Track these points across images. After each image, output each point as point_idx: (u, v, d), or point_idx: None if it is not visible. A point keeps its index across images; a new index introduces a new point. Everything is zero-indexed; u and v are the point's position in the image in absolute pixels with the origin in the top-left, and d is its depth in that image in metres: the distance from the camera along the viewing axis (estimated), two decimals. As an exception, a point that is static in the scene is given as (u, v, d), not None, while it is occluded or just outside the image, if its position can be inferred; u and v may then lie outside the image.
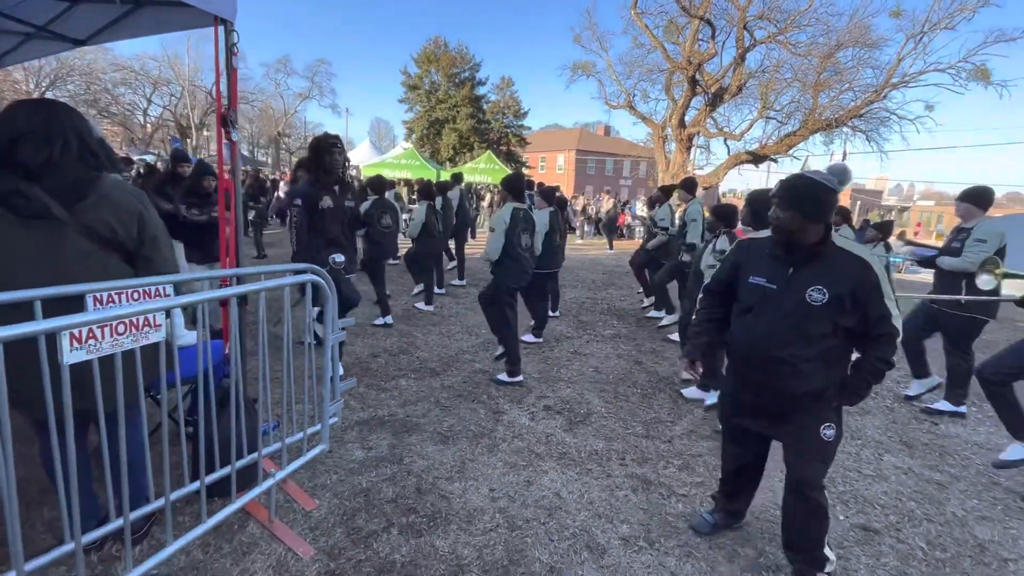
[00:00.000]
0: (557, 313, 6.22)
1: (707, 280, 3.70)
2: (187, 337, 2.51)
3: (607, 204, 16.76)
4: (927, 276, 8.00)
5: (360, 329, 5.17)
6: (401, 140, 30.44)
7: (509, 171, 18.05)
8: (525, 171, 30.08)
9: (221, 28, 2.11)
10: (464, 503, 2.47)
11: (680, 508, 2.56)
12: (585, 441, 3.16)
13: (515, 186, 4.08)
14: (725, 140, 18.44)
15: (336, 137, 3.61)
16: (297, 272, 2.38)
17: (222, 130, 2.16)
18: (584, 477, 2.77)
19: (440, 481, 2.63)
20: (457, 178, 8.04)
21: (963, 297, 3.65)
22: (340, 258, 3.46)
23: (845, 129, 16.44)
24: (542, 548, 2.20)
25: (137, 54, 33.19)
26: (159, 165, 11.05)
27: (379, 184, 5.59)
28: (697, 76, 16.96)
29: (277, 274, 2.43)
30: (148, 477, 1.76)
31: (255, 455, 2.18)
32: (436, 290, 6.91)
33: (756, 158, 17.44)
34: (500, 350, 4.34)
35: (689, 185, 5.39)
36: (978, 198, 3.73)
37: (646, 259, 6.48)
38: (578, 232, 17.96)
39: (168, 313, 1.74)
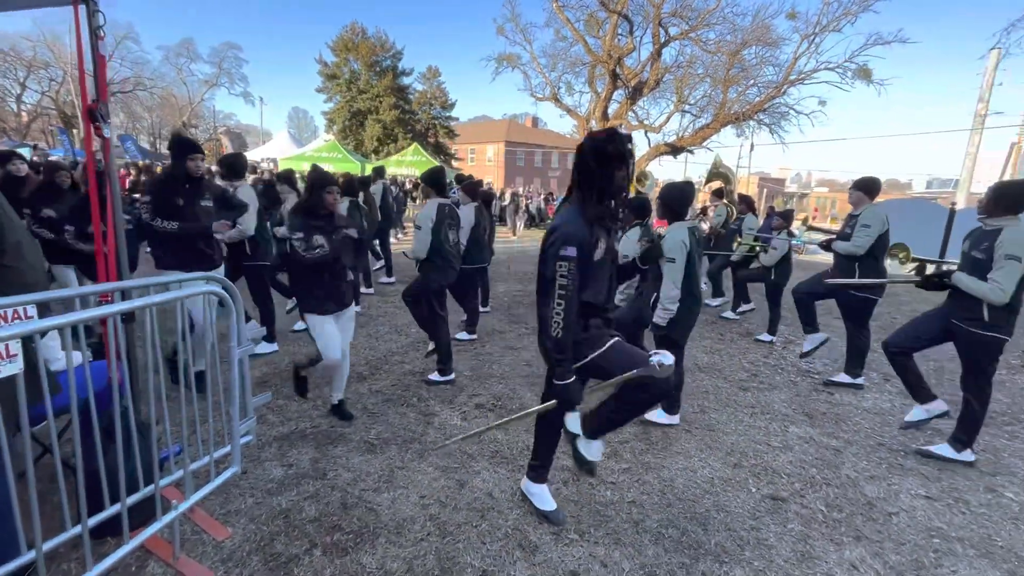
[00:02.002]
0: (488, 308, 6.20)
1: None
2: (61, 362, 2.22)
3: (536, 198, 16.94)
4: (827, 257, 8.71)
5: (279, 336, 4.86)
6: (322, 131, 29.03)
7: (437, 163, 17.78)
8: (454, 163, 29.77)
9: (82, 7, 1.85)
10: (393, 514, 2.39)
11: (608, 496, 2.63)
12: (517, 437, 3.17)
13: (437, 181, 3.98)
14: (645, 132, 19.22)
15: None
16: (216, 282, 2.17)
17: (91, 126, 1.90)
18: (517, 474, 2.77)
19: (367, 493, 2.53)
20: (379, 172, 7.76)
21: (884, 280, 4.00)
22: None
23: (752, 122, 17.68)
24: (474, 552, 2.17)
25: (5, 33, 29.09)
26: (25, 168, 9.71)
27: (290, 179, 5.25)
28: (617, 70, 17.51)
29: (171, 286, 2.20)
30: (15, 524, 1.53)
31: (151, 487, 1.97)
32: (364, 289, 6.66)
33: (674, 149, 18.35)
34: (431, 346, 4.24)
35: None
36: (867, 187, 4.12)
37: None
38: (509, 224, 18.04)
39: (35, 337, 1.52)
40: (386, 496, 2.51)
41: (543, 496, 2.45)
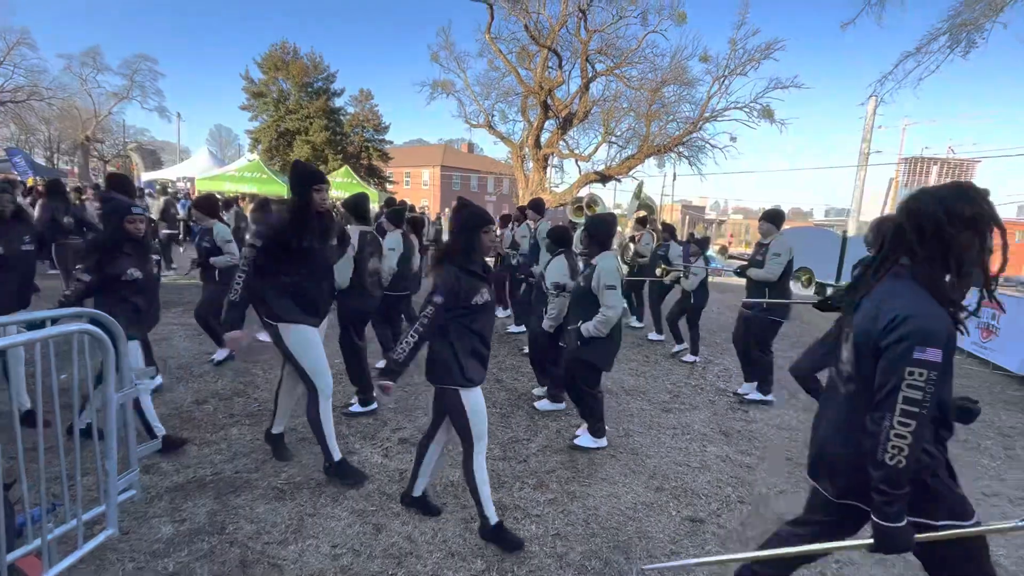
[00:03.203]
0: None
1: (550, 297, 3.89)
2: None
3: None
4: (738, 280, 9.27)
5: (185, 371, 4.44)
6: (247, 151, 27.67)
7: (368, 187, 17.42)
8: (389, 187, 29.33)
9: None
10: (300, 568, 2.19)
11: (533, 530, 2.57)
12: (441, 474, 3.04)
13: (358, 209, 3.86)
14: (576, 161, 19.98)
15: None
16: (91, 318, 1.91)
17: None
18: (440, 514, 2.65)
19: (271, 547, 2.31)
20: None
21: (787, 300, 4.31)
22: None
23: (672, 154, 18.88)
24: (388, 605, 2.03)
25: None
26: None
27: (210, 204, 4.86)
28: (548, 101, 18.16)
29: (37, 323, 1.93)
30: None
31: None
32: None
33: (603, 177, 19.16)
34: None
35: (536, 206, 5.65)
36: (774, 218, 4.52)
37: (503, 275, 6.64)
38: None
39: None
40: (293, 548, 2.31)
41: None
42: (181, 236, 10.34)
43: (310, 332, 2.78)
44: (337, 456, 2.87)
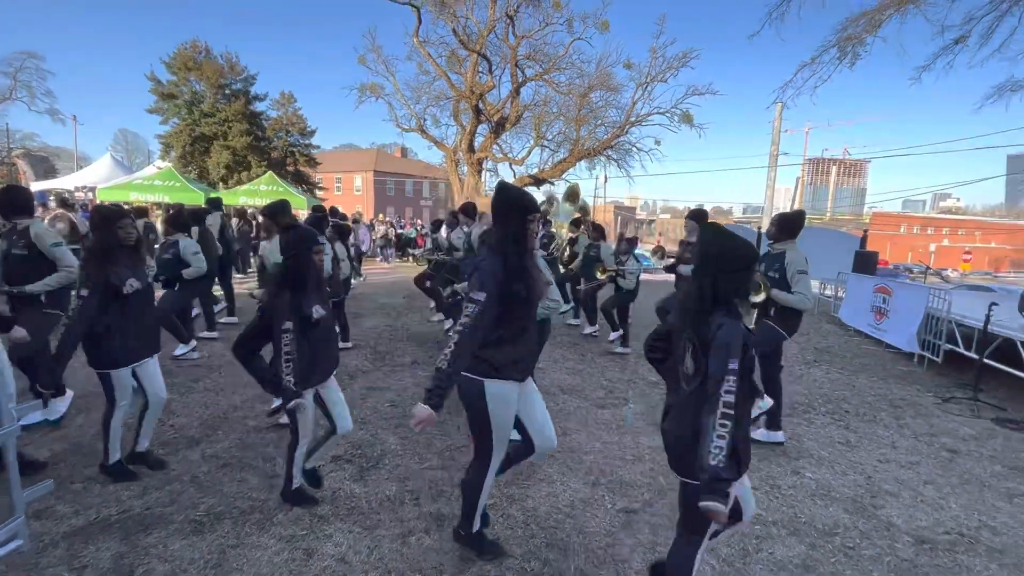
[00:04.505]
0: (350, 344, 5.85)
1: None
2: None
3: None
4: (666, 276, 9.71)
5: (85, 402, 4.02)
6: (157, 157, 25.55)
7: (295, 193, 16.66)
8: (319, 193, 28.18)
9: None
10: (221, 605, 2.04)
11: (472, 537, 2.55)
12: (377, 488, 2.96)
13: (280, 215, 3.68)
14: (510, 165, 20.21)
15: None
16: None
17: None
18: (375, 530, 2.57)
19: (188, 586, 2.14)
20: (215, 203, 6.97)
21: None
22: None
23: (602, 157, 19.56)
24: (320, 632, 1.93)
25: None
26: None
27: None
28: (480, 105, 18.24)
29: None
30: None
31: None
32: (206, 334, 5.88)
33: (537, 181, 19.49)
34: (276, 402, 3.84)
35: (467, 210, 5.65)
36: (698, 217, 4.89)
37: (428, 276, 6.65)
38: (381, 256, 17.51)
39: None
40: (213, 585, 2.15)
41: None
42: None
43: None
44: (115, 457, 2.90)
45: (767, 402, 3.87)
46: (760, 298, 4.27)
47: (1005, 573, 2.44)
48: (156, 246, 5.70)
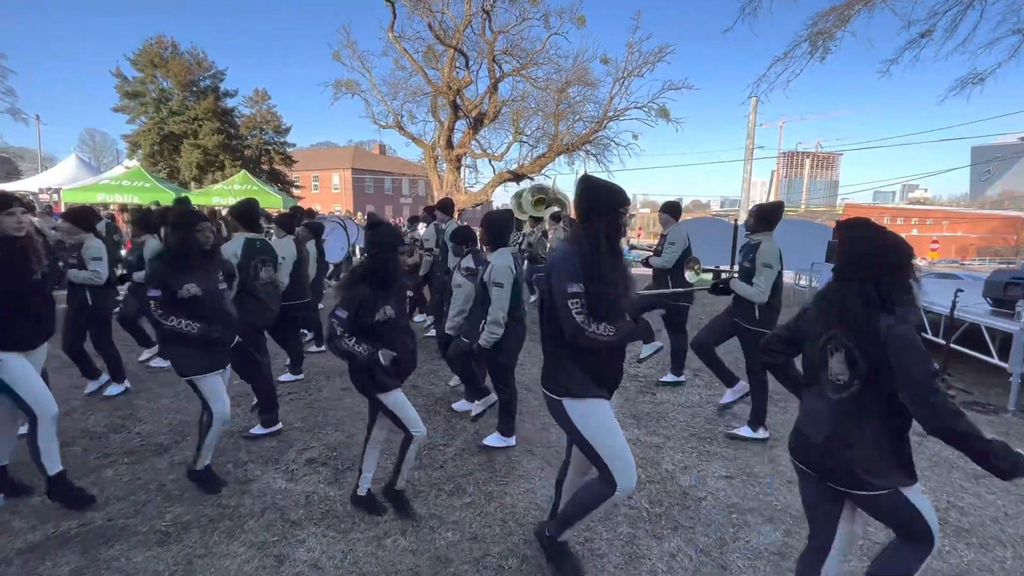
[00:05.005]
0: (324, 348, 5.74)
1: (455, 296, 3.84)
2: None
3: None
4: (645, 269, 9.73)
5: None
6: (125, 157, 24.78)
7: (271, 192, 16.31)
8: (295, 191, 27.68)
9: None
10: (186, 618, 1.97)
11: (450, 537, 2.51)
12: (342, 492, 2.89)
13: (244, 214, 3.58)
14: (489, 160, 20.09)
15: None
16: None
17: None
18: (349, 534, 2.51)
19: (151, 599, 2.06)
20: (183, 203, 6.73)
21: (680, 290, 4.57)
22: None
23: (581, 152, 19.57)
24: (290, 641, 1.88)
25: None
26: None
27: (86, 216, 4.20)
28: (458, 101, 18.08)
29: None
30: None
31: None
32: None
33: (516, 176, 19.42)
34: (255, 401, 3.75)
35: (444, 206, 5.58)
36: (671, 210, 4.84)
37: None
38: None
39: None
40: (179, 597, 2.07)
41: None
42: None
43: None
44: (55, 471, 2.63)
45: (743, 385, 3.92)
46: (700, 277, 4.29)
47: (972, 552, 2.49)
48: (123, 250, 5.50)
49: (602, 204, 1.96)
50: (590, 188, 2.00)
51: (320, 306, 6.30)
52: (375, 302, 2.44)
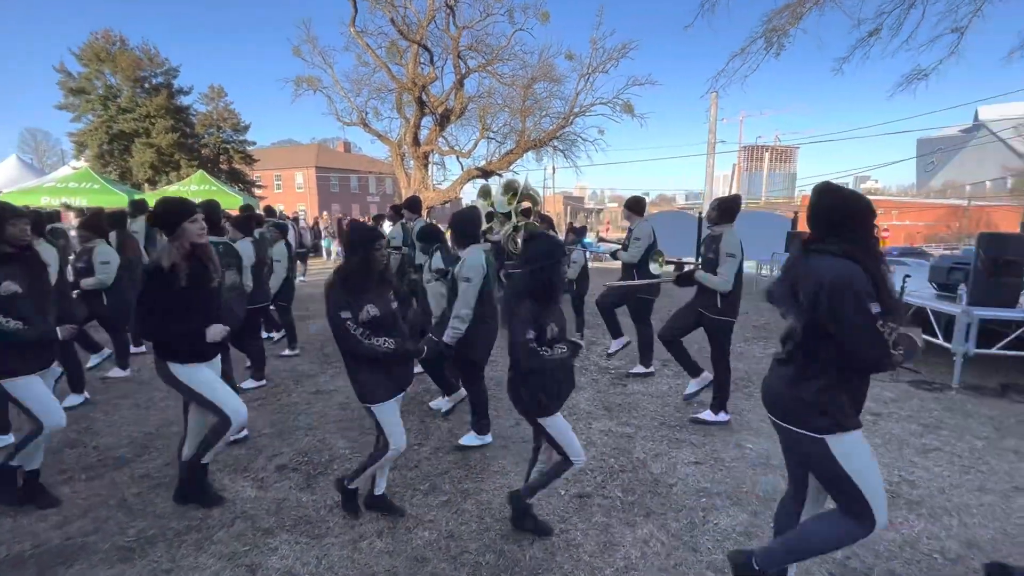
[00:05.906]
0: (296, 351, 5.62)
1: (430, 295, 3.83)
2: None
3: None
4: (616, 263, 9.91)
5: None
6: (72, 158, 23.48)
7: (230, 192, 15.78)
8: (256, 191, 26.82)
9: None
10: (155, 635, 1.91)
11: (426, 536, 2.51)
12: (326, 495, 2.86)
13: (208, 218, 3.45)
14: (457, 157, 19.94)
15: None
16: None
17: None
18: (324, 539, 2.48)
19: (116, 618, 1.98)
20: (139, 206, 6.46)
21: (647, 281, 4.65)
22: None
23: (548, 148, 19.66)
24: (265, 651, 1.84)
25: None
26: None
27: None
28: (424, 97, 17.86)
29: None
30: None
31: None
32: (133, 348, 5.46)
33: (485, 173, 19.35)
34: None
35: (411, 205, 5.53)
36: (634, 206, 4.94)
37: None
38: (326, 255, 16.95)
39: None
40: (145, 614, 2.00)
41: None
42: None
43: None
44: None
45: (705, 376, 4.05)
46: (664, 269, 4.42)
47: (923, 522, 2.65)
48: (71, 255, 5.22)
49: (857, 211, 1.75)
50: (838, 196, 1.79)
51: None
52: (541, 314, 2.28)
